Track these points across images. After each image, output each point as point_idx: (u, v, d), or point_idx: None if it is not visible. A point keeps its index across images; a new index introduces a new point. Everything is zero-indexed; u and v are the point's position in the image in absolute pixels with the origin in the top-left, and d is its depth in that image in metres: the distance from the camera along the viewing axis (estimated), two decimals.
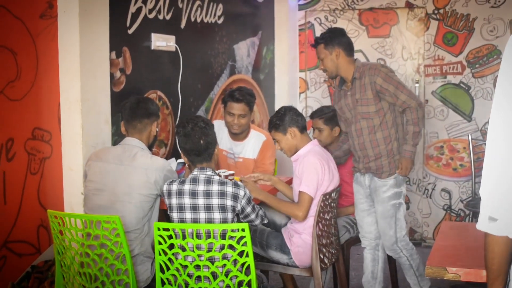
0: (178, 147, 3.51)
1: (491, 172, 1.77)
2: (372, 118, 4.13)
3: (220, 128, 4.50)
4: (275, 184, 4.07)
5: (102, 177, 3.36)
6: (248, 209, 3.34)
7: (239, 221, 3.36)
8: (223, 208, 3.22)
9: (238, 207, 3.27)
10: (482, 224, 1.80)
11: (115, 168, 3.35)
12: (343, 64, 4.18)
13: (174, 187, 3.29)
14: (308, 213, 3.71)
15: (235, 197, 3.24)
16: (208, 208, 3.22)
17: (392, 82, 4.06)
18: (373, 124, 4.14)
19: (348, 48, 4.21)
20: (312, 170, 3.72)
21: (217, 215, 3.23)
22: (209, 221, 3.23)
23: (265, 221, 3.56)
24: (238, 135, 4.53)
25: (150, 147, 3.58)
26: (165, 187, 3.31)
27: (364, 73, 4.11)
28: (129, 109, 3.55)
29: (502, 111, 1.75)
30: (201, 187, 3.24)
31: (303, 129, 3.88)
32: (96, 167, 3.41)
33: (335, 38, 4.19)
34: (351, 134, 4.27)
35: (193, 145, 3.33)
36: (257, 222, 3.47)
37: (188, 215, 3.26)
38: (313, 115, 4.58)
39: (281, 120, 3.85)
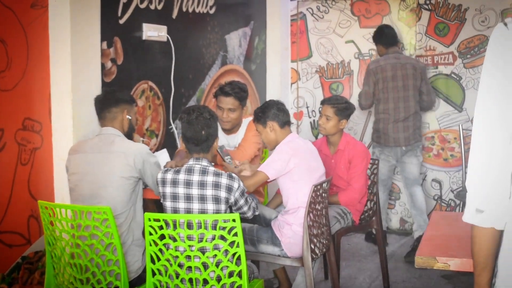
0: (181, 135, 3.49)
1: (477, 164, 1.78)
2: None
3: None
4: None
5: (82, 167, 3.36)
6: (241, 201, 3.35)
7: (231, 212, 3.37)
8: (216, 200, 3.23)
9: (232, 199, 3.28)
10: (469, 216, 1.81)
11: (94, 157, 3.35)
12: None
13: (169, 176, 3.30)
14: (255, 187, 3.78)
15: (229, 189, 3.25)
16: (202, 199, 3.23)
17: None
18: None
19: None
20: (275, 154, 3.78)
21: (210, 206, 3.23)
22: (202, 211, 3.24)
23: (257, 213, 3.57)
24: (230, 130, 4.49)
25: (130, 137, 3.56)
26: (159, 176, 3.32)
27: None
28: (97, 102, 3.56)
29: (485, 105, 1.76)
30: (195, 177, 3.25)
31: (284, 124, 3.91)
32: (76, 159, 3.40)
33: None
34: None
35: (194, 134, 3.33)
36: (249, 214, 3.48)
37: (181, 205, 3.26)
38: (326, 101, 4.47)
39: (263, 112, 3.90)
